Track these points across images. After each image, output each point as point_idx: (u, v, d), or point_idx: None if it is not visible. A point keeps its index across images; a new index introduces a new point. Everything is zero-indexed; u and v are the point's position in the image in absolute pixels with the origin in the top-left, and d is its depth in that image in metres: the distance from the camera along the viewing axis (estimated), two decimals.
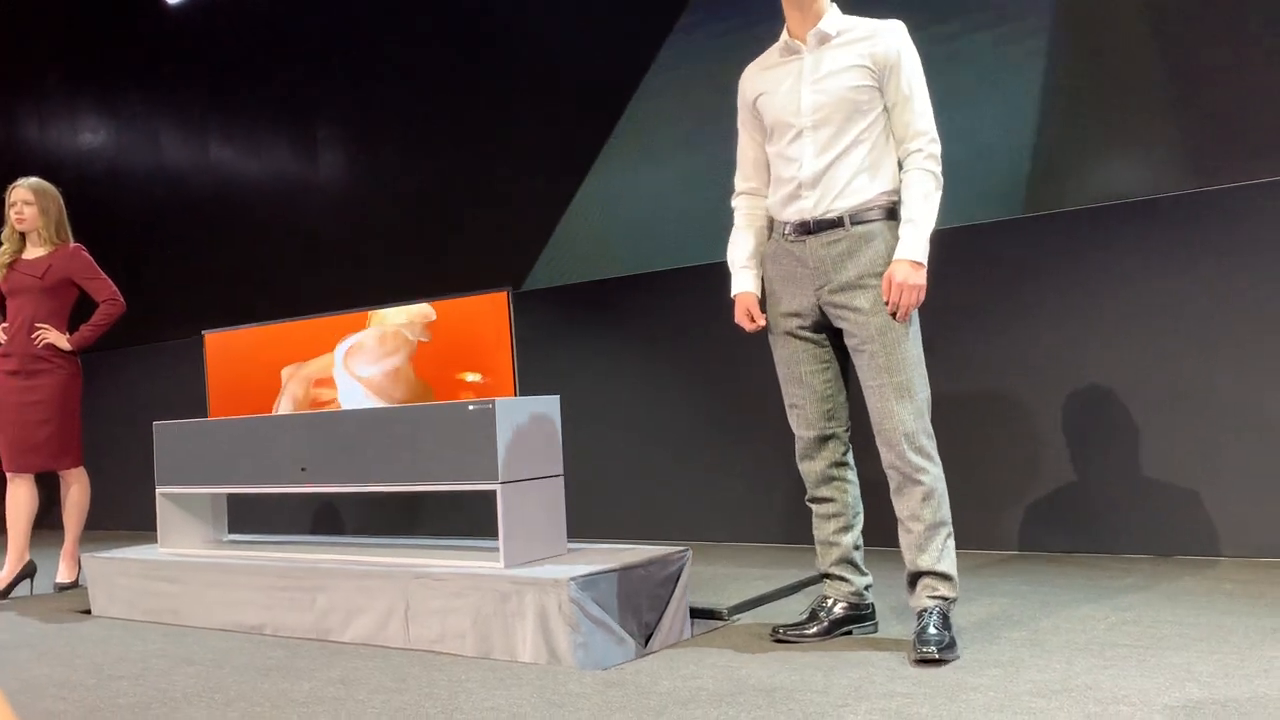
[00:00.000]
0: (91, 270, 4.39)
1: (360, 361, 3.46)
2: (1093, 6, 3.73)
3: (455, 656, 2.73)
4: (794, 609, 3.01)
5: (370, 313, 3.45)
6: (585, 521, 4.66)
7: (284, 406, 3.65)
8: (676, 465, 4.65)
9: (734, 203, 2.81)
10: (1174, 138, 3.61)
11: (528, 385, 4.54)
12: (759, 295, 2.74)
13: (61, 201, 4.44)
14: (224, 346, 3.88)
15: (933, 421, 2.52)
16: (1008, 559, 3.72)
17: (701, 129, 4.56)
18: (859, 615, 2.70)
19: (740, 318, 2.73)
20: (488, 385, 3.16)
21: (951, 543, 2.52)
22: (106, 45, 7.19)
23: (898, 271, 2.44)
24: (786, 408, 2.71)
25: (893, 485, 2.53)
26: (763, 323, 2.72)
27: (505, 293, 3.16)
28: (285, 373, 3.63)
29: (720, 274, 4.43)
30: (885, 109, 2.55)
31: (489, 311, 3.20)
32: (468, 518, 5.07)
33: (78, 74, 7.39)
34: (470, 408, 2.88)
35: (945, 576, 2.49)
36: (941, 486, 2.50)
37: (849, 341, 2.56)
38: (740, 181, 2.81)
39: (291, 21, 6.11)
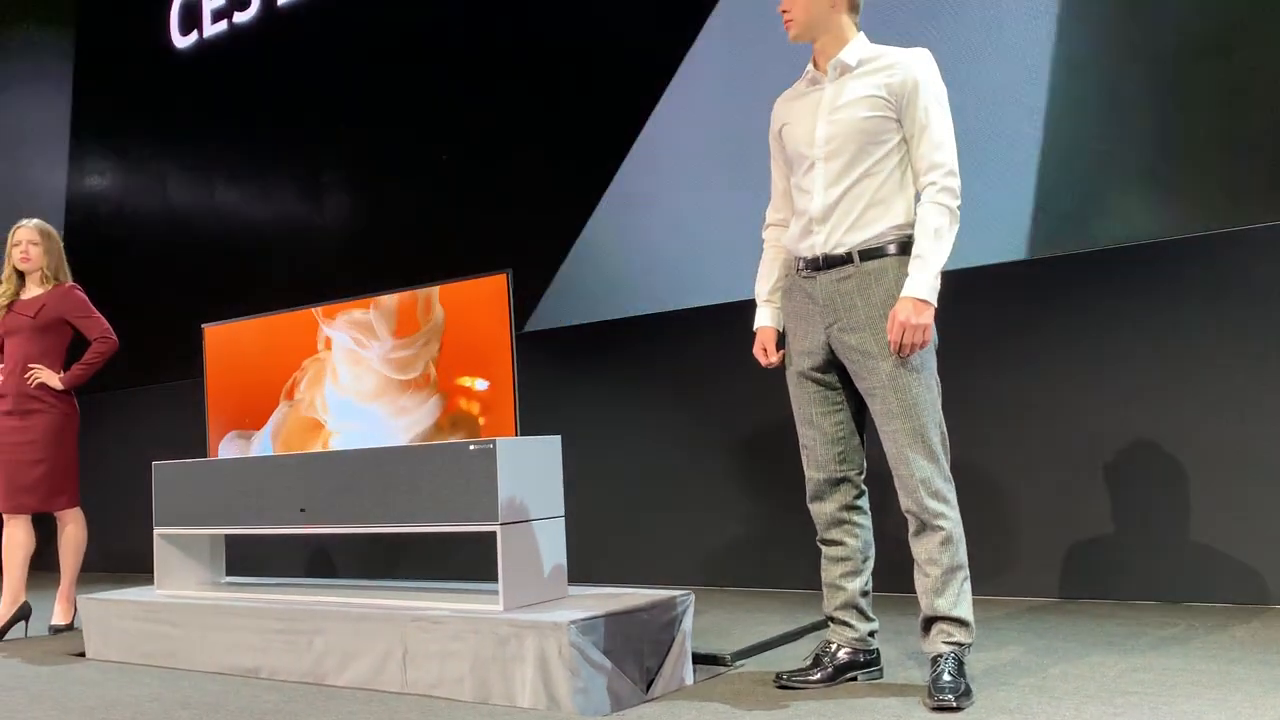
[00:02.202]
0: (85, 309, 4.39)
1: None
2: (1096, 48, 3.75)
3: (453, 701, 2.68)
4: (799, 654, 2.96)
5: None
6: (586, 565, 4.61)
7: (306, 389, 3.59)
8: (679, 508, 4.61)
9: (763, 234, 2.82)
10: (1183, 180, 3.61)
11: (529, 425, 4.52)
12: (778, 330, 2.72)
13: (60, 242, 4.47)
14: (225, 341, 3.86)
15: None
16: (1015, 605, 3.67)
17: (708, 169, 4.58)
18: (864, 661, 2.65)
19: (756, 352, 2.73)
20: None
21: (968, 587, 2.47)
22: (115, 88, 7.26)
23: (901, 310, 2.40)
24: (799, 447, 2.68)
25: (911, 529, 2.49)
26: (776, 360, 2.70)
27: (505, 275, 3.13)
28: (308, 362, 3.59)
29: (724, 315, 4.46)
30: (904, 141, 2.50)
31: (489, 296, 3.15)
32: (466, 559, 5.02)
33: (84, 117, 7.45)
34: (471, 448, 2.86)
35: (961, 622, 2.45)
36: (959, 531, 2.46)
37: (859, 385, 2.52)
38: (770, 213, 2.81)
39: (297, 66, 6.17)
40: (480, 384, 3.16)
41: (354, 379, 3.46)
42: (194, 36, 6.74)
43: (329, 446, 3.53)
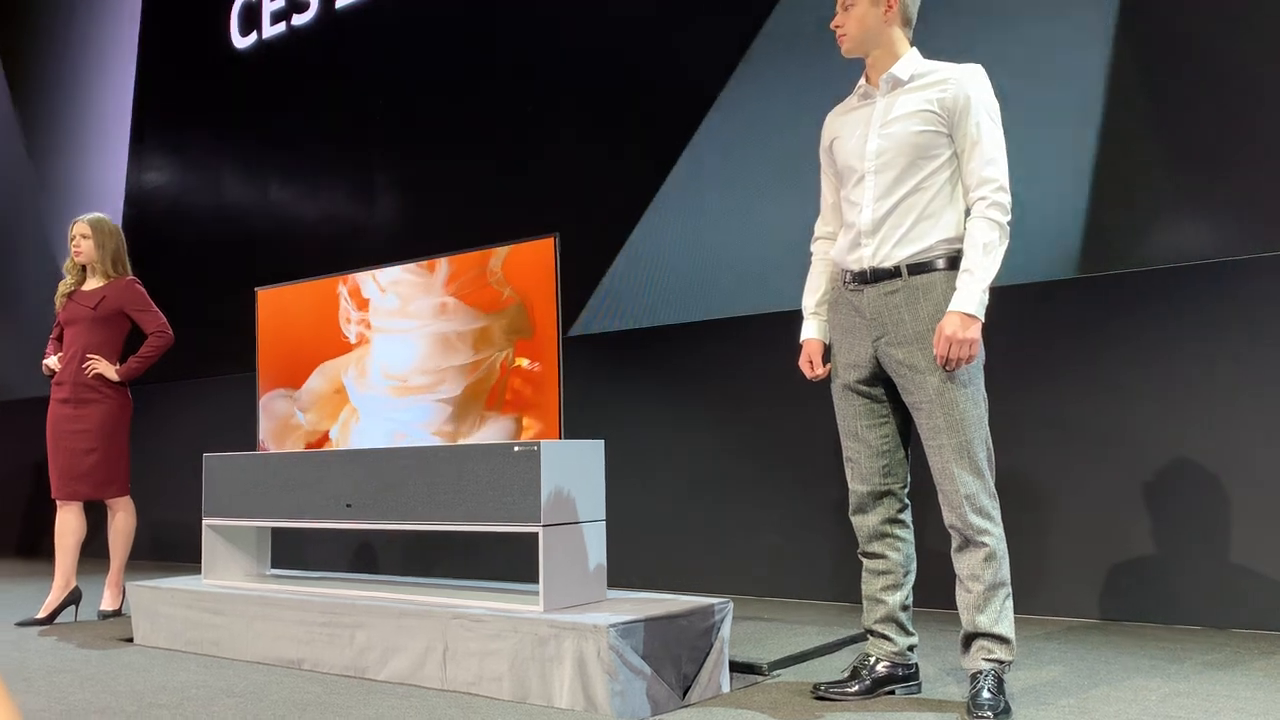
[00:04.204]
0: (143, 302, 4.49)
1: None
2: (1150, 66, 3.72)
3: (492, 700, 2.71)
4: (837, 666, 2.96)
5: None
6: (625, 569, 4.63)
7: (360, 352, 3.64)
8: (720, 516, 4.61)
9: (812, 246, 2.82)
10: (1240, 199, 3.57)
11: (572, 429, 4.56)
12: (825, 343, 2.73)
13: (121, 236, 4.56)
14: (277, 303, 3.94)
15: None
16: (1055, 625, 3.64)
17: (756, 180, 4.59)
18: (902, 675, 2.64)
19: (802, 364, 2.73)
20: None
21: (1010, 604, 2.46)
22: (173, 87, 7.41)
23: (948, 324, 2.39)
24: (843, 460, 2.68)
25: (954, 544, 2.49)
26: (822, 372, 2.71)
27: (552, 238, 3.13)
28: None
29: (767, 325, 4.47)
30: (955, 155, 2.50)
31: (535, 260, 3.14)
32: (505, 560, 5.06)
33: (144, 114, 7.61)
34: (515, 449, 2.89)
35: (1002, 639, 2.43)
36: (1003, 547, 2.45)
37: (906, 399, 2.52)
38: (819, 225, 2.81)
39: (353, 68, 6.27)
40: (525, 362, 3.15)
41: (392, 350, 3.50)
42: (253, 37, 6.87)
43: (354, 418, 3.58)
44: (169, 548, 6.83)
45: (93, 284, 4.48)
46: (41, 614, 4.25)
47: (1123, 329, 3.74)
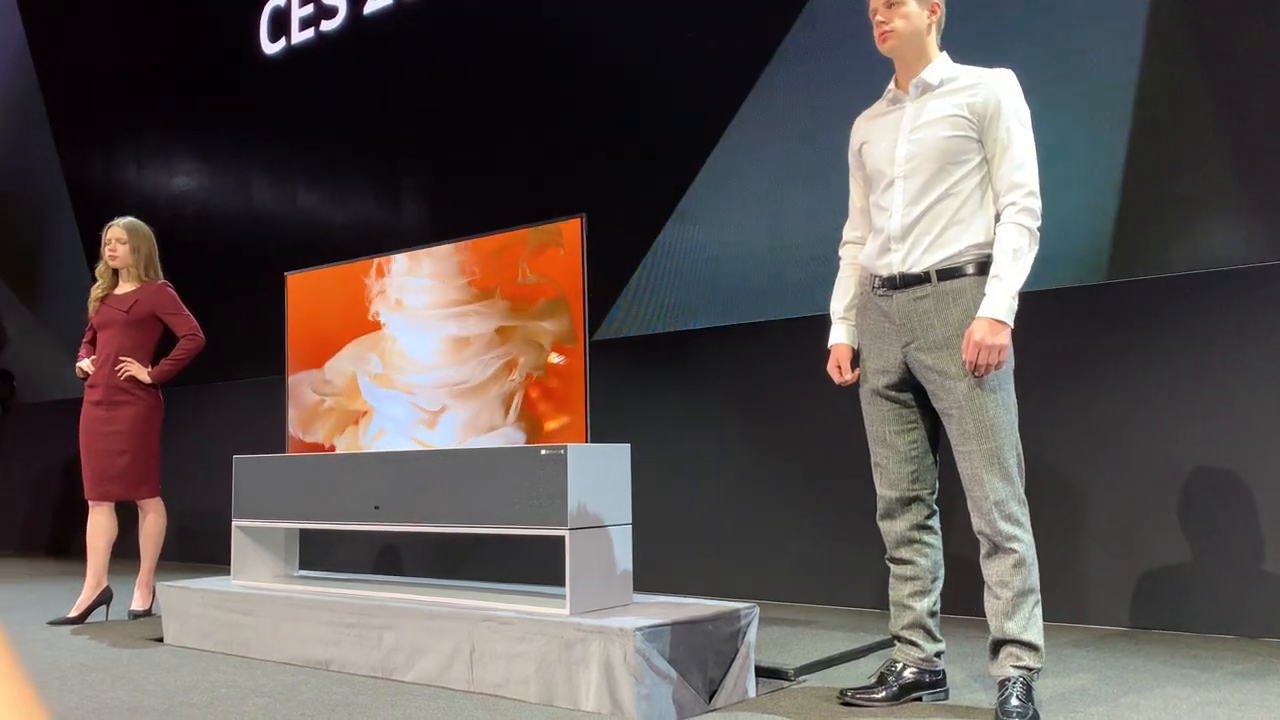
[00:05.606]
0: (175, 306, 4.54)
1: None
2: (1178, 72, 3.69)
3: (518, 702, 2.72)
4: (863, 672, 2.95)
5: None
6: (651, 574, 4.63)
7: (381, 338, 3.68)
8: (746, 521, 4.61)
9: (840, 251, 2.82)
10: (1274, 203, 3.53)
11: (598, 433, 4.56)
12: (853, 348, 2.72)
13: (154, 240, 4.61)
14: (305, 287, 3.97)
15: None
16: (1083, 633, 3.61)
17: (779, 184, 4.59)
18: (930, 681, 2.63)
19: (830, 369, 2.73)
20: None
21: (1039, 611, 2.44)
22: (203, 93, 7.49)
23: (977, 330, 2.38)
24: (871, 465, 2.68)
25: (983, 550, 2.47)
26: (850, 378, 2.70)
27: (579, 219, 3.12)
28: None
29: (795, 330, 4.46)
30: (985, 161, 2.48)
31: (562, 254, 3.12)
32: (525, 563, 5.07)
33: (174, 120, 7.70)
34: (543, 453, 2.90)
35: (1031, 646, 2.42)
36: (1032, 554, 2.43)
37: (936, 405, 2.51)
38: (848, 230, 2.81)
39: (381, 73, 6.31)
40: (555, 358, 3.15)
41: (410, 343, 3.53)
42: (282, 43, 6.93)
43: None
44: (191, 544, 6.89)
45: (125, 288, 4.53)
46: (73, 613, 4.30)
47: (1153, 334, 3.71)
